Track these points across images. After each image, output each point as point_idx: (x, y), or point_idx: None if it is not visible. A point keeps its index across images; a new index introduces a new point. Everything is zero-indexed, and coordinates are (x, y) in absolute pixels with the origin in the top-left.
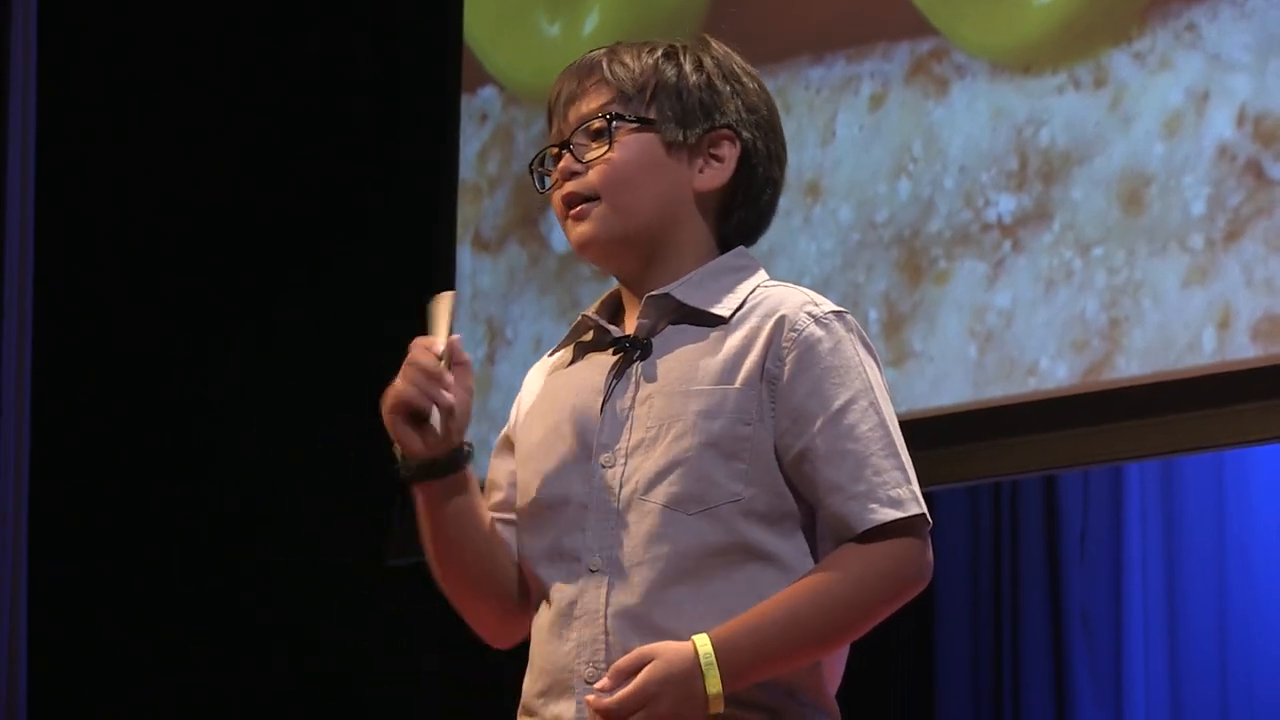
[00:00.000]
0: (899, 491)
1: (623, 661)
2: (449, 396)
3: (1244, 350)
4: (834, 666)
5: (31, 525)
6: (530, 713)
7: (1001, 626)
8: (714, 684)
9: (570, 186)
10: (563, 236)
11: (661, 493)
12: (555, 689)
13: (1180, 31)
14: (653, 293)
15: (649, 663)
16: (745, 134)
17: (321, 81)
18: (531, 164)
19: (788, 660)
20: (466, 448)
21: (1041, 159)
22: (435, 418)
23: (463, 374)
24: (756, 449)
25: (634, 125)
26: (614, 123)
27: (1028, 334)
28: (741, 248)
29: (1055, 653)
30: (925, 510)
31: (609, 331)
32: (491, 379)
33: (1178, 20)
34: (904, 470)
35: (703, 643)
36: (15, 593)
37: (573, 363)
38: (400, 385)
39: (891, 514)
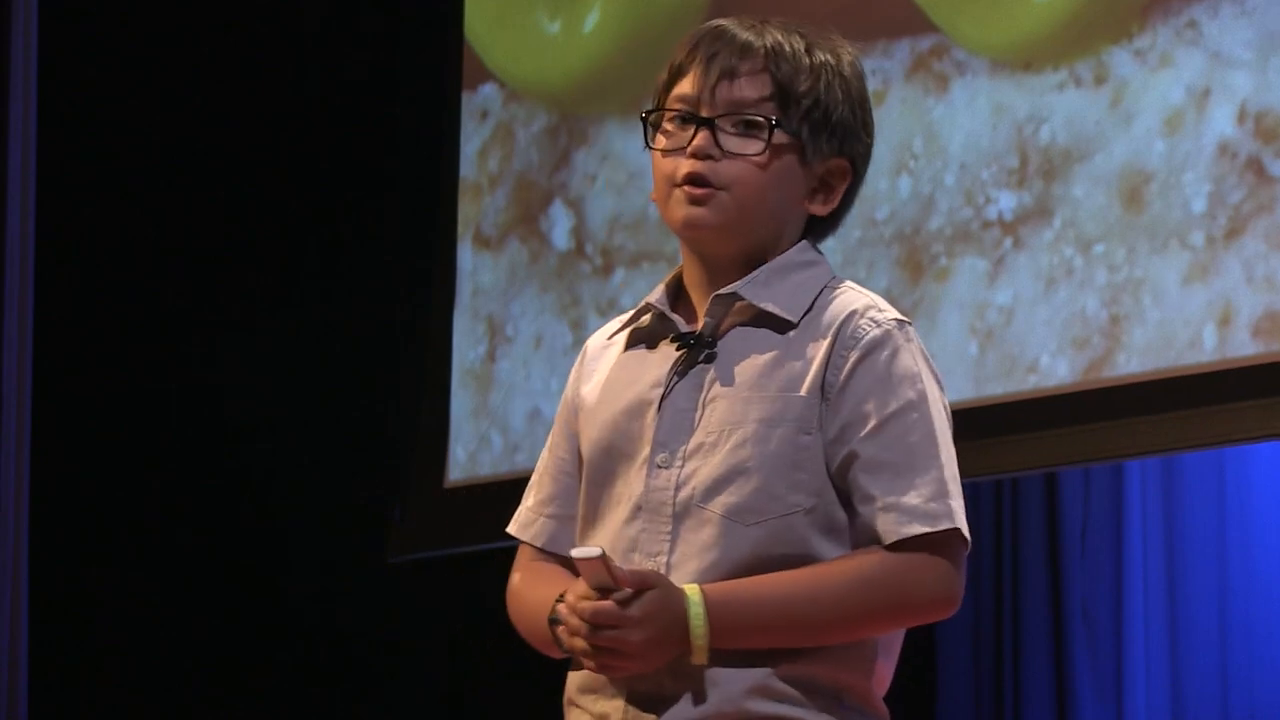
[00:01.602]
0: (934, 505)
1: (630, 576)
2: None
3: (1244, 347)
4: (885, 669)
5: (32, 524)
6: (575, 706)
7: (1002, 623)
8: (700, 634)
9: (702, 169)
10: (563, 234)
11: (720, 502)
12: (601, 686)
13: (1181, 29)
14: (720, 291)
15: (650, 589)
16: (861, 169)
17: (322, 79)
18: (647, 114)
19: (776, 638)
20: None
21: (1042, 156)
22: None
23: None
24: (818, 459)
25: (789, 138)
26: (774, 130)
27: (1028, 331)
28: (808, 241)
29: (1056, 649)
30: (963, 527)
31: (673, 322)
32: (492, 376)
33: (1178, 17)
34: (944, 484)
35: (693, 593)
36: (16, 592)
37: (630, 349)
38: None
39: (919, 528)
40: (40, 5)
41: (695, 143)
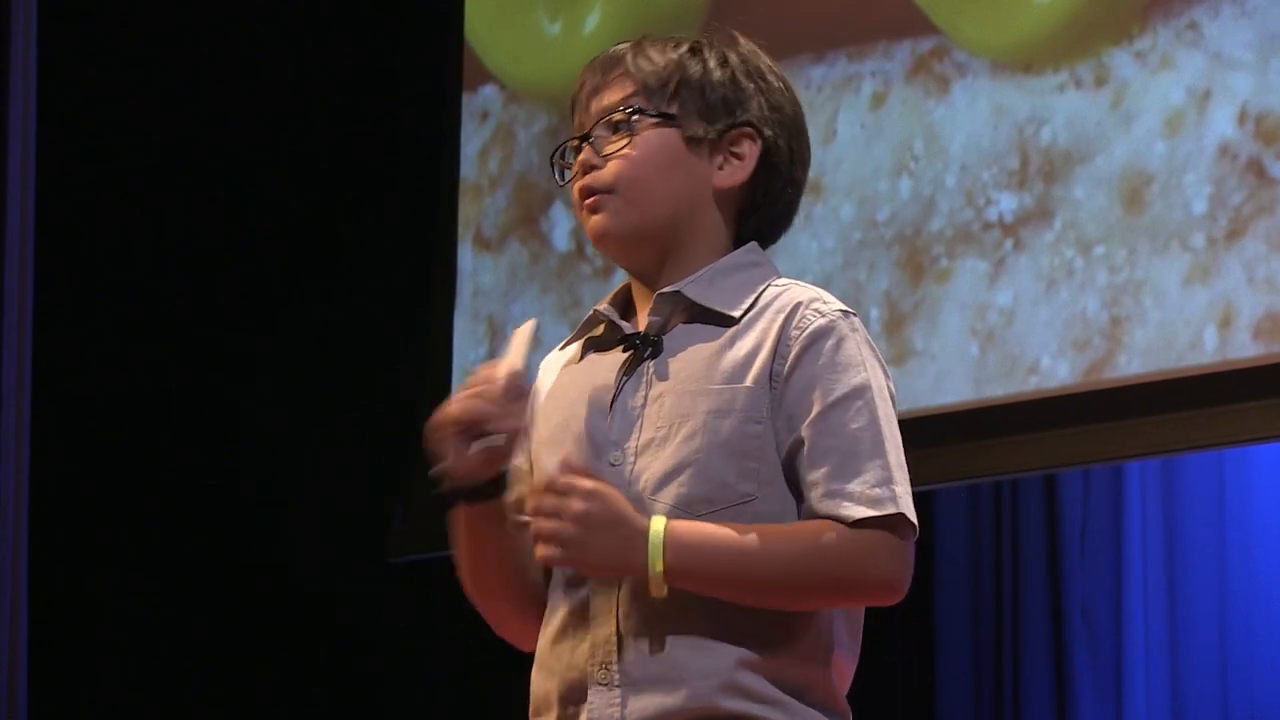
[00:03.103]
0: (878, 490)
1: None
2: (511, 423)
3: (1245, 349)
4: (845, 666)
5: (32, 524)
6: (541, 713)
7: (1002, 623)
8: (657, 563)
9: (587, 179)
10: (564, 235)
11: (670, 493)
12: (567, 690)
13: (1181, 30)
14: (663, 290)
15: (601, 491)
16: (767, 132)
17: (322, 79)
18: (552, 156)
19: (725, 589)
20: (507, 474)
21: (1043, 157)
22: (491, 441)
23: (519, 407)
24: (767, 448)
25: (655, 119)
26: (635, 116)
27: (1029, 332)
28: (754, 244)
29: (1056, 649)
30: (908, 513)
31: (620, 327)
32: None
33: (1179, 19)
34: (889, 470)
35: (657, 524)
36: (16, 592)
37: (583, 357)
38: (461, 405)
39: (863, 511)
40: (40, 5)
41: (579, 159)
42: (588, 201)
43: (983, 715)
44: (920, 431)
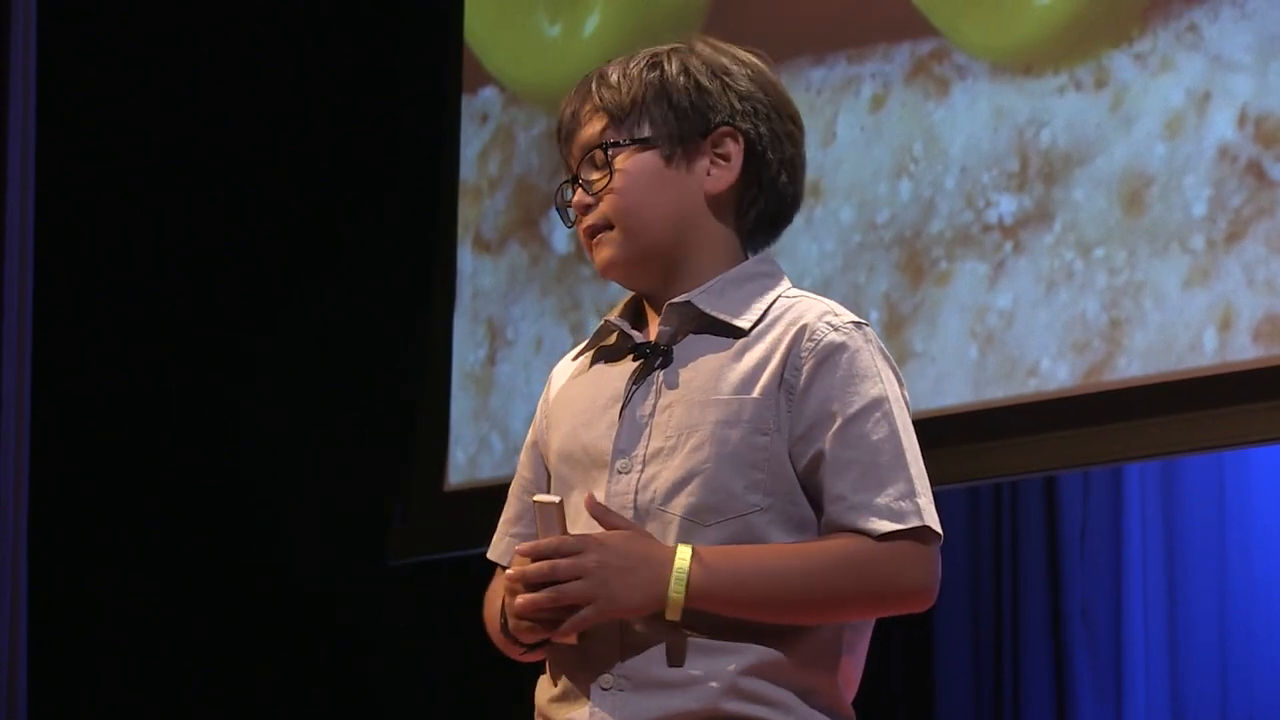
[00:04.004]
0: (902, 504)
1: (610, 517)
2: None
3: (1245, 351)
4: (852, 671)
5: (32, 524)
6: (544, 715)
7: (1002, 625)
8: (678, 591)
9: (587, 220)
10: (563, 237)
11: (680, 504)
12: (570, 695)
13: (1181, 32)
14: (674, 300)
15: (628, 531)
16: (744, 125)
17: (322, 79)
18: (555, 201)
19: (754, 611)
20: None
21: (1042, 160)
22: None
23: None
24: (774, 459)
25: (629, 148)
26: (609, 150)
27: (1029, 335)
28: (766, 254)
29: (1056, 651)
30: (933, 524)
31: (631, 337)
32: (492, 379)
33: (1179, 21)
34: (911, 483)
35: (682, 554)
36: (15, 592)
37: (593, 366)
38: (520, 620)
39: (888, 525)
40: (40, 5)
41: (574, 202)
42: (593, 240)
43: (983, 715)
44: (920, 433)
